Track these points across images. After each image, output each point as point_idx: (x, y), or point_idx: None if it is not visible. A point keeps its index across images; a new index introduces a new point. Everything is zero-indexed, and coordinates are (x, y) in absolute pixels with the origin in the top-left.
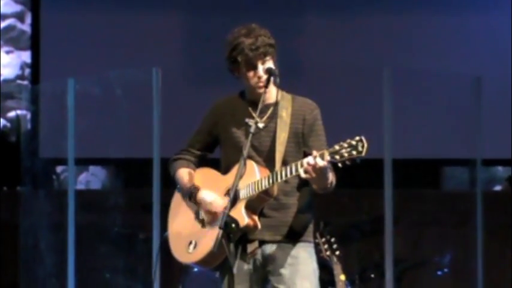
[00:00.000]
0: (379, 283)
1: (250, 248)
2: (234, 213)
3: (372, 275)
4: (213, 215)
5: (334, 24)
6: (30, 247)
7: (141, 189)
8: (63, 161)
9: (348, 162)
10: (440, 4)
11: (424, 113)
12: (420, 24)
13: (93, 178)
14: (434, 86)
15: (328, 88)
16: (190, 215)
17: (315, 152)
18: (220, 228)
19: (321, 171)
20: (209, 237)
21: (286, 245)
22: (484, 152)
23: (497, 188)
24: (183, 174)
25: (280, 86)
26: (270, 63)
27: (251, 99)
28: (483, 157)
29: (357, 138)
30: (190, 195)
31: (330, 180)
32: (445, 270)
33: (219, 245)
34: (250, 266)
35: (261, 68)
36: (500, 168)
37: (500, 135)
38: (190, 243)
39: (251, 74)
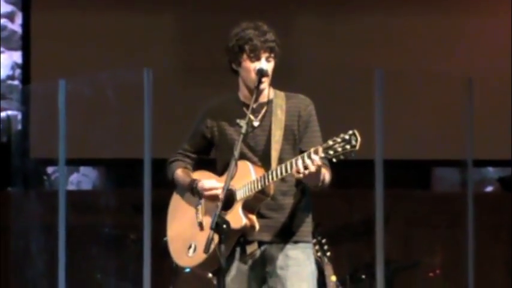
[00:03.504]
0: (370, 284)
1: (249, 249)
2: (231, 214)
3: (363, 276)
4: (214, 203)
5: (326, 25)
6: (21, 248)
7: (132, 190)
8: (54, 162)
9: (342, 157)
10: (431, 5)
11: (415, 113)
12: (412, 25)
13: (84, 179)
14: (425, 87)
15: (319, 89)
16: (189, 217)
17: (308, 151)
18: (211, 229)
19: (316, 169)
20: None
21: (285, 246)
22: (474, 153)
23: (488, 189)
24: (183, 173)
25: (272, 85)
26: (270, 65)
27: (244, 99)
28: (474, 158)
29: (350, 132)
30: (192, 189)
31: (322, 177)
32: (437, 271)
33: (210, 247)
34: (248, 266)
35: (264, 63)
36: (491, 169)
37: (491, 136)
38: (190, 246)
39: (253, 66)
